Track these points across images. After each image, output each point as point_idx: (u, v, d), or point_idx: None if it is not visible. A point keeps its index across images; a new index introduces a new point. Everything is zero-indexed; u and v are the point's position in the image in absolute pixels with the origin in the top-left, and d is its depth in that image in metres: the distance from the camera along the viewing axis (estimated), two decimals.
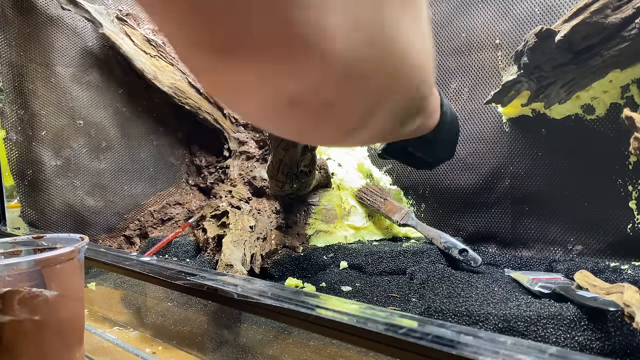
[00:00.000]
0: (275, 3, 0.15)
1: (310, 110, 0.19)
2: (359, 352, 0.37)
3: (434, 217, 0.86)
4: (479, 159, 0.78)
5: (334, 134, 0.23)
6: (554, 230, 0.70)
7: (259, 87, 0.18)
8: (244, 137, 0.96)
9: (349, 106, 0.20)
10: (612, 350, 0.40)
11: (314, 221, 0.82)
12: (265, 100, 0.19)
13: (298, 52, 0.16)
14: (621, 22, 0.53)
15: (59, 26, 0.85)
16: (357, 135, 0.23)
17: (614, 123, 0.63)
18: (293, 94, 0.18)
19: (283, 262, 0.69)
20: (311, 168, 0.73)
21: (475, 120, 0.78)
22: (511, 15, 0.72)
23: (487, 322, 0.43)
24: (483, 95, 0.76)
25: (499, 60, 0.74)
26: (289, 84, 0.18)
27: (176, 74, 0.95)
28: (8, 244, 0.40)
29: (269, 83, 0.18)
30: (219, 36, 0.16)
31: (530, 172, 0.71)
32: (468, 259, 0.66)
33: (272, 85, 0.18)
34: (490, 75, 0.76)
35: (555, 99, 0.64)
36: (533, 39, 0.58)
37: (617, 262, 0.62)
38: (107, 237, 0.92)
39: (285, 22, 0.15)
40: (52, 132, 0.85)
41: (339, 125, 0.22)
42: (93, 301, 0.62)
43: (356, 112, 0.21)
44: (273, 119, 0.21)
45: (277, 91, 0.18)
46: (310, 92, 0.18)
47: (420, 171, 0.87)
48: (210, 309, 0.49)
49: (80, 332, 0.38)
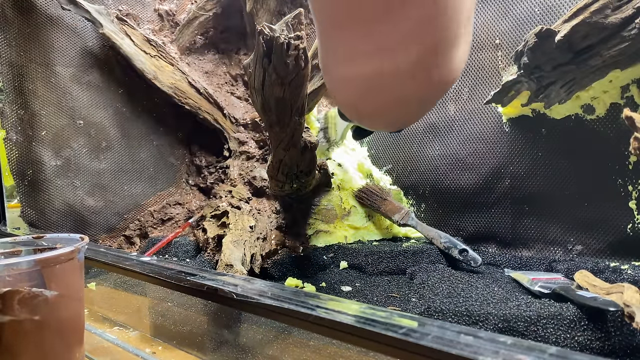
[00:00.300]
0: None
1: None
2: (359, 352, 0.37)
3: (434, 217, 0.86)
4: (479, 159, 0.78)
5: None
6: (554, 230, 0.70)
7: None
8: (244, 137, 0.96)
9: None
10: (612, 350, 0.41)
11: (314, 221, 0.82)
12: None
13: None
14: (621, 22, 0.53)
15: (59, 26, 0.85)
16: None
17: (614, 123, 0.63)
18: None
19: (283, 262, 0.69)
20: (311, 168, 0.73)
21: (475, 120, 0.78)
22: (511, 15, 0.72)
23: (487, 322, 0.43)
24: (483, 95, 0.76)
25: (499, 60, 0.74)
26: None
27: (176, 74, 0.95)
28: (8, 244, 0.40)
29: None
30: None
31: (530, 172, 0.71)
32: (468, 259, 0.66)
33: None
34: (490, 75, 0.76)
35: (555, 99, 0.64)
36: (533, 39, 0.58)
37: (617, 262, 0.62)
38: (107, 237, 0.92)
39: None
40: (52, 132, 0.85)
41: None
42: (93, 301, 0.62)
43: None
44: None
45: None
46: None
47: (420, 171, 0.87)
48: (210, 309, 0.49)
49: (80, 332, 0.38)
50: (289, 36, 0.52)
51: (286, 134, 0.62)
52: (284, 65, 0.52)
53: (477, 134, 0.78)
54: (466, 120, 0.79)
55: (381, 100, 0.26)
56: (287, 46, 0.51)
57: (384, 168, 0.95)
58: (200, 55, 1.03)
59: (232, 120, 0.98)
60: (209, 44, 1.03)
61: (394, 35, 0.22)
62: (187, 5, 1.02)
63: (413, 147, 0.89)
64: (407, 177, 0.91)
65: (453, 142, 0.81)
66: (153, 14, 0.99)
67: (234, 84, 1.04)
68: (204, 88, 0.96)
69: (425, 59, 0.23)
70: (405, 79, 0.24)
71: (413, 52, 0.22)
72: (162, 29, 1.00)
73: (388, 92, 0.25)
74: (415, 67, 0.23)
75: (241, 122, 0.98)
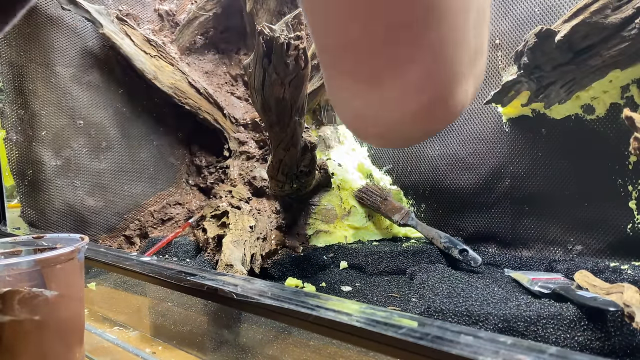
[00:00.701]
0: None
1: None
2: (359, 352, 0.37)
3: (434, 217, 0.86)
4: (479, 159, 0.78)
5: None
6: (554, 230, 0.70)
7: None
8: (244, 137, 0.96)
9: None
10: (612, 350, 0.41)
11: (314, 221, 0.82)
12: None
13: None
14: (621, 22, 0.53)
15: (59, 26, 0.85)
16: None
17: (614, 123, 0.63)
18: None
19: (283, 262, 0.69)
20: (311, 168, 0.73)
21: (475, 120, 0.78)
22: (511, 15, 0.72)
23: (487, 322, 0.43)
24: (483, 95, 0.76)
25: (499, 60, 0.74)
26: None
27: (176, 74, 0.95)
28: (8, 244, 0.40)
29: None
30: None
31: (530, 172, 0.71)
32: (468, 259, 0.66)
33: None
34: (490, 75, 0.76)
35: (555, 99, 0.64)
36: (533, 39, 0.58)
37: (617, 262, 0.62)
38: (107, 237, 0.92)
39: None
40: (52, 132, 0.85)
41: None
42: (93, 301, 0.62)
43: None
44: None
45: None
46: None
47: (420, 171, 0.87)
48: (210, 309, 0.49)
49: (80, 332, 0.38)
50: (289, 36, 0.52)
51: (286, 134, 0.62)
52: (284, 66, 0.52)
53: (477, 134, 0.78)
54: (466, 120, 0.79)
55: (379, 130, 0.26)
56: (287, 46, 0.51)
57: (384, 168, 0.95)
58: (200, 55, 1.03)
59: (232, 120, 0.98)
60: (209, 44, 1.03)
61: (393, 91, 0.22)
62: (187, 5, 1.02)
63: (413, 147, 0.89)
64: (407, 177, 0.91)
65: (453, 142, 0.81)
66: (153, 14, 0.99)
67: (234, 84, 1.04)
68: (204, 88, 0.96)
69: (426, 108, 0.22)
70: (405, 122, 0.24)
71: (412, 104, 0.22)
72: (162, 29, 1.00)
73: (386, 127, 0.25)
74: (415, 116, 0.23)
75: (241, 122, 0.98)
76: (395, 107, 0.23)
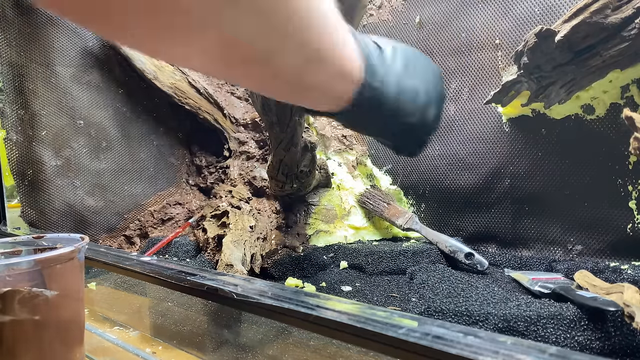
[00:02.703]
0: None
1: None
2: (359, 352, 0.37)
3: (434, 217, 0.86)
4: (479, 159, 0.78)
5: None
6: (554, 230, 0.70)
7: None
8: (244, 137, 0.96)
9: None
10: (612, 350, 0.40)
11: (314, 221, 0.82)
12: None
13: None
14: (621, 22, 0.53)
15: (59, 26, 0.85)
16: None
17: (614, 123, 0.63)
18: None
19: (283, 262, 0.69)
20: (311, 168, 0.73)
21: (475, 120, 0.78)
22: (511, 15, 0.72)
23: (487, 322, 0.43)
24: (483, 95, 0.76)
25: (499, 60, 0.74)
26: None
27: (176, 74, 0.95)
28: (8, 244, 0.40)
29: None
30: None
31: (530, 172, 0.71)
32: (474, 262, 0.66)
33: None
34: (490, 75, 0.76)
35: (555, 99, 0.64)
36: (533, 39, 0.58)
37: (617, 262, 0.62)
38: (107, 237, 0.92)
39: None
40: (53, 132, 0.85)
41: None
42: (93, 301, 0.62)
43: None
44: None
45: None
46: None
47: (420, 171, 0.87)
48: (210, 309, 0.49)
49: (81, 332, 0.38)
50: None
51: (286, 134, 0.62)
52: None
53: (477, 134, 0.78)
54: (466, 120, 0.79)
55: None
56: None
57: (384, 168, 0.95)
58: None
59: (232, 120, 0.98)
60: None
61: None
62: None
63: None
64: (407, 177, 0.91)
65: (453, 142, 0.81)
66: None
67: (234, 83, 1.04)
68: (204, 88, 0.96)
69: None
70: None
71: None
72: None
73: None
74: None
75: (241, 122, 0.98)
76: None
